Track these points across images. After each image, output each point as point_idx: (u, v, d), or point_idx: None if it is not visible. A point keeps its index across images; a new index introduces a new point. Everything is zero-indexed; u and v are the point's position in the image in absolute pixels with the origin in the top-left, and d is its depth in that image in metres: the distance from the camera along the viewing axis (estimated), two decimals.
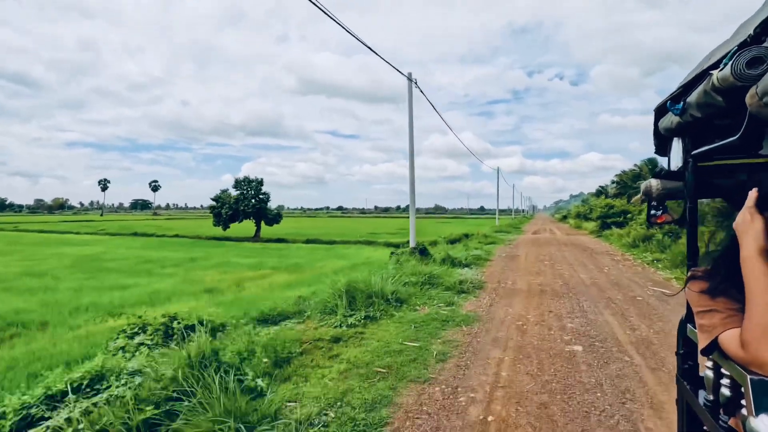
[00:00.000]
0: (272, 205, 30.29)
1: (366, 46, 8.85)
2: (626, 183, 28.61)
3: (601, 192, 44.16)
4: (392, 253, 12.18)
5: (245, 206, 28.29)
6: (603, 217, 23.85)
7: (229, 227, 30.01)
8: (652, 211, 1.55)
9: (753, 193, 0.95)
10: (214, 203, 29.64)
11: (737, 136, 0.92)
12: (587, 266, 10.92)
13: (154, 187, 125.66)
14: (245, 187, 28.94)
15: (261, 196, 28.99)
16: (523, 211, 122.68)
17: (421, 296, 7.06)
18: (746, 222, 0.93)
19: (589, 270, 10.27)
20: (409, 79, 11.97)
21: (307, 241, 27.32)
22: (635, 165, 28.55)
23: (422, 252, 11.51)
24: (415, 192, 12.57)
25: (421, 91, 11.91)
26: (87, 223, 56.33)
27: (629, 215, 21.01)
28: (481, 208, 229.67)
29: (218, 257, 19.69)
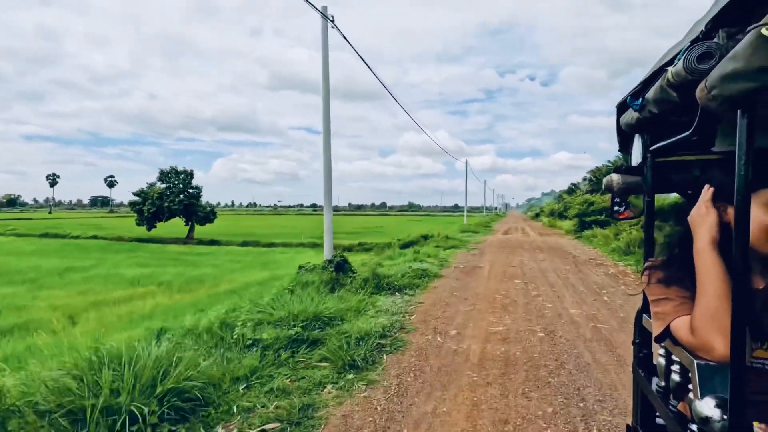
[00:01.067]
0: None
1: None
2: (599, 179, 26.21)
3: (573, 189, 44.24)
4: (301, 267, 8.47)
5: (171, 202, 23.88)
6: (582, 215, 20.91)
7: (155, 226, 25.52)
8: (615, 207, 1.66)
9: (708, 189, 1.00)
10: (136, 198, 25.07)
11: (690, 131, 0.97)
12: (576, 288, 7.51)
13: (110, 183, 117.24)
14: (172, 180, 24.51)
15: (191, 191, 24.66)
16: (496, 208, 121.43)
17: (260, 385, 3.36)
18: (701, 215, 0.98)
19: (580, 295, 6.84)
20: (324, 15, 8.27)
21: (243, 243, 23.26)
22: (608, 161, 26.39)
23: (339, 268, 7.84)
24: (384, 189, 8.92)
25: (339, 31, 8.19)
26: (19, 222, 50.08)
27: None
28: (456, 206, 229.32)
29: (107, 266, 15.42)
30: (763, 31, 0.60)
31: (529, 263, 10.84)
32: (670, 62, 0.94)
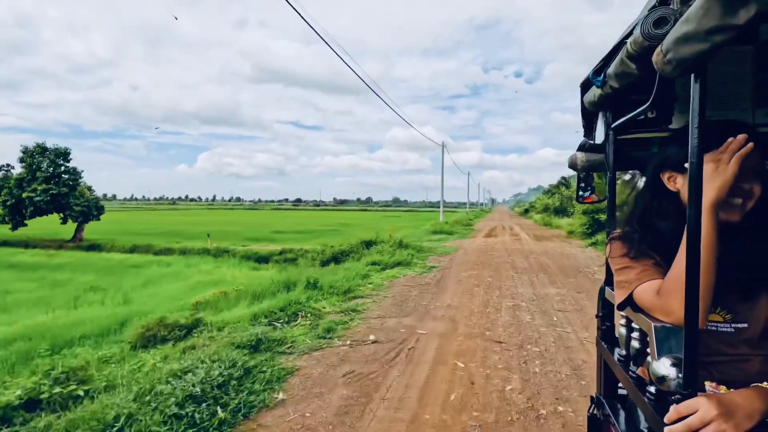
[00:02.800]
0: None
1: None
2: None
3: (563, 183, 41.85)
4: None
5: (33, 192, 17.38)
6: (592, 213, 15.23)
7: (23, 224, 19.00)
8: (581, 192, 1.71)
9: (739, 139, 0.87)
10: None
11: (648, 102, 0.98)
12: None
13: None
14: (37, 162, 17.98)
15: (64, 177, 18.16)
16: (482, 204, 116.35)
17: None
18: (716, 169, 0.88)
19: None
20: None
21: (132, 249, 16.98)
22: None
23: None
24: (370, 184, 3.02)
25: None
26: None
27: None
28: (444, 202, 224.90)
29: None
30: None
31: (534, 315, 4.94)
32: (630, 35, 0.94)
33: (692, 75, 0.75)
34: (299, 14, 8.05)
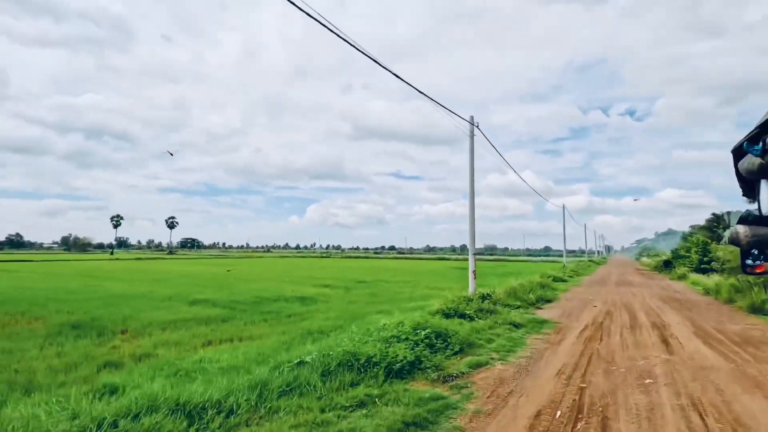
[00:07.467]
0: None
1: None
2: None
3: (714, 226, 35.09)
4: None
5: None
6: None
7: None
8: (749, 260, 1.65)
9: None
10: None
11: None
12: None
13: (171, 224, 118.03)
14: None
15: None
16: (598, 252, 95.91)
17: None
18: None
19: None
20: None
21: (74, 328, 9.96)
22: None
23: None
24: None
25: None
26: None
27: None
28: (546, 249, 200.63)
29: None
30: None
31: None
32: None
33: None
34: (396, 76, 8.48)
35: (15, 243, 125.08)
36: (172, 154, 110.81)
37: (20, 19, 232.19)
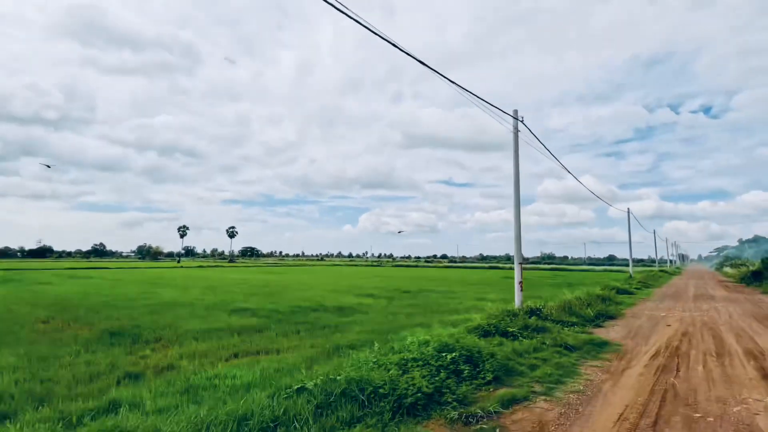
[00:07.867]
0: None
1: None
2: None
3: None
4: None
5: None
6: None
7: None
8: None
9: None
10: None
11: None
12: None
13: (231, 234, 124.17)
14: None
15: None
16: (670, 261, 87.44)
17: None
18: None
19: None
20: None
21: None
22: None
23: None
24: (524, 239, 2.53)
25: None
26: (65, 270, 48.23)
27: None
28: (610, 258, 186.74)
29: None
30: None
31: None
32: None
33: None
34: (450, 81, 8.40)
35: (99, 252, 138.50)
36: (49, 167, 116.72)
37: (106, 51, 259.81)
